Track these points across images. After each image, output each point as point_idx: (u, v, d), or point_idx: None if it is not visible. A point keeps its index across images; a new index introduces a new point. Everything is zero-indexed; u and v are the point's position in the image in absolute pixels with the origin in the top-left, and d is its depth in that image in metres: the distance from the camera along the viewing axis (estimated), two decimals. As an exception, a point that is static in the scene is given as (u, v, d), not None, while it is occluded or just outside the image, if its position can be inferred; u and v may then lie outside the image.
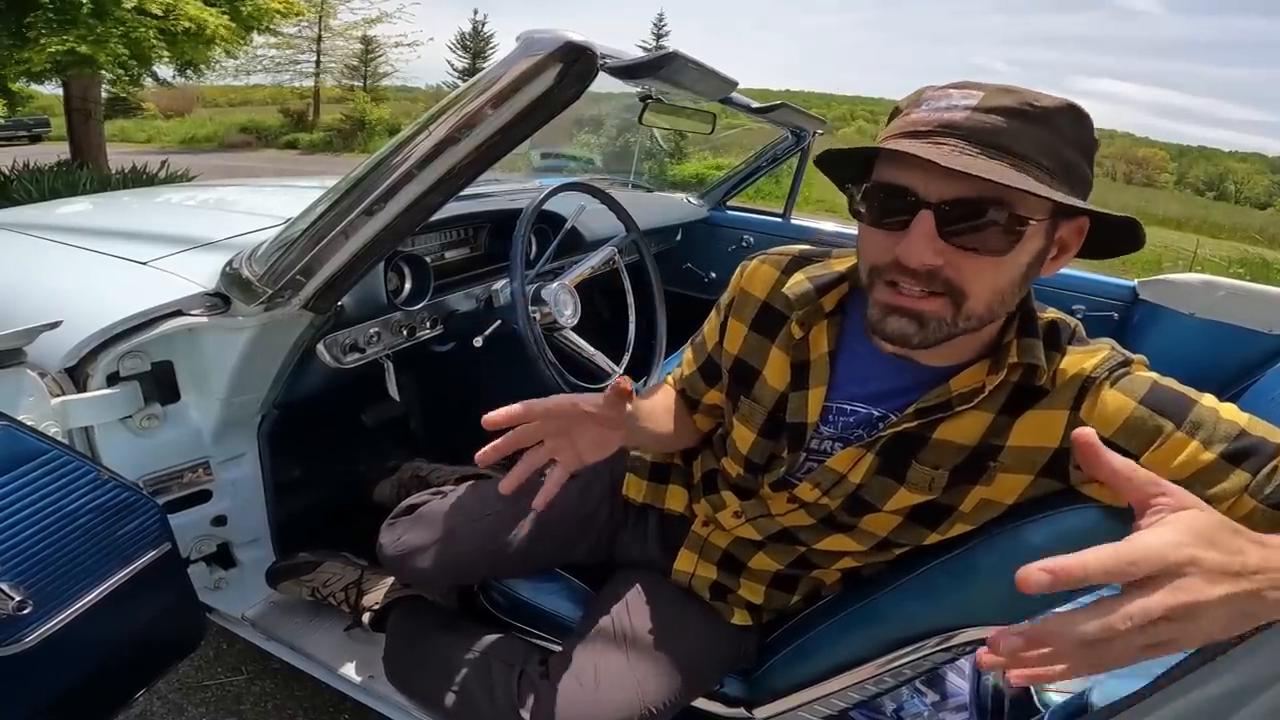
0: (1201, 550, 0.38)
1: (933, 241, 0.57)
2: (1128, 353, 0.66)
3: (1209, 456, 0.58)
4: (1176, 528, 0.39)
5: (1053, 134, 0.55)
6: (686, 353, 0.94)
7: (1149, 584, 0.37)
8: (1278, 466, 0.57)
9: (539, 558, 1.01)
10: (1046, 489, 0.68)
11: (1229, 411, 0.60)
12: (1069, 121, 0.56)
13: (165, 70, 6.90)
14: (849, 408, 0.75)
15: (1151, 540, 0.38)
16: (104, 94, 7.55)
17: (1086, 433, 0.42)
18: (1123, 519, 0.62)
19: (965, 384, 0.67)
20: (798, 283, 0.75)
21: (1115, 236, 0.61)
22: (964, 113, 0.55)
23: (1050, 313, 0.69)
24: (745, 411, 0.81)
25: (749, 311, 0.81)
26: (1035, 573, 0.36)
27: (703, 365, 0.90)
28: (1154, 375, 0.64)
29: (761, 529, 0.86)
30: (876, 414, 0.73)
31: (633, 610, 0.90)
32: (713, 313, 0.88)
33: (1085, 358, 0.65)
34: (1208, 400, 0.61)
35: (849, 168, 0.64)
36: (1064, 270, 2.04)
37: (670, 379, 0.97)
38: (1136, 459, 0.60)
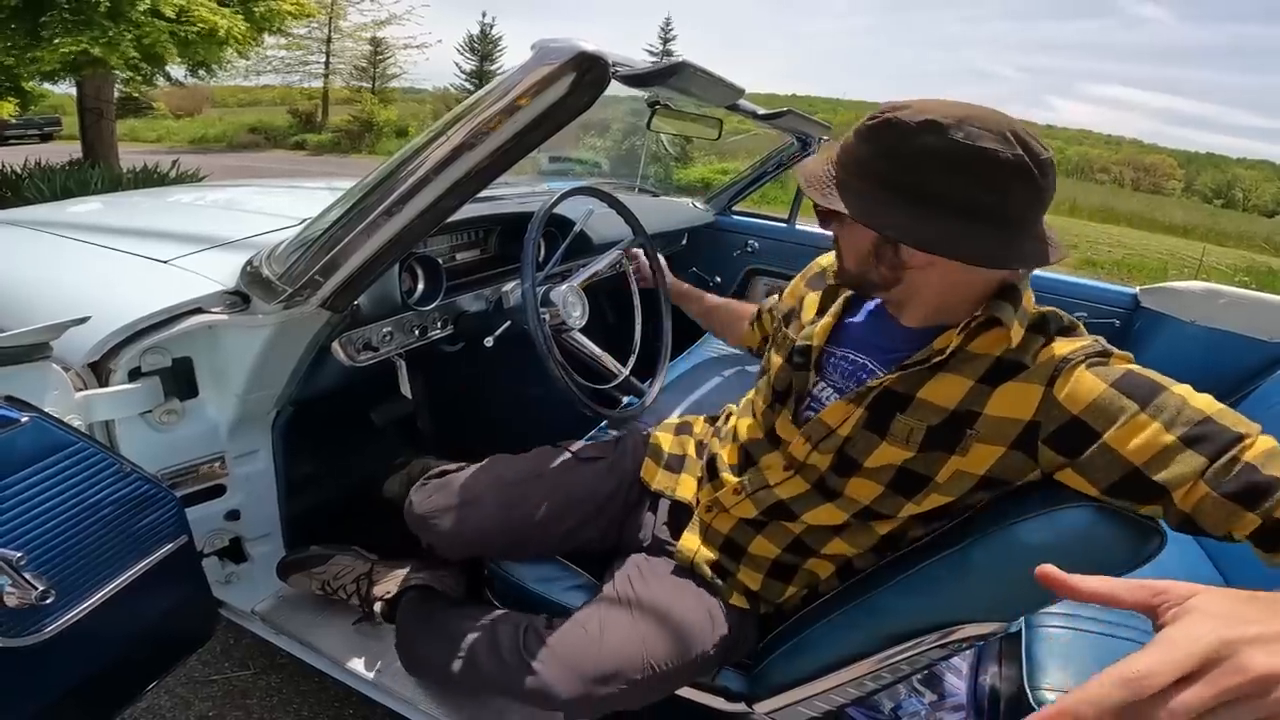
0: (1237, 628, 0.35)
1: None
2: (1115, 350, 0.69)
3: (1168, 439, 0.59)
4: (1204, 613, 0.36)
5: (871, 152, 0.71)
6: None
7: (1196, 675, 0.33)
8: (1237, 457, 0.57)
9: (554, 534, 1.06)
10: (1017, 463, 0.71)
11: (1201, 400, 0.61)
12: (894, 137, 0.68)
13: (177, 70, 6.94)
14: (849, 355, 0.87)
15: (1188, 621, 0.35)
16: (116, 93, 7.60)
17: (1047, 568, 0.39)
18: (1118, 518, 0.64)
19: (944, 344, 0.74)
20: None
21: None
22: (852, 133, 0.73)
23: (1049, 308, 0.74)
24: (779, 341, 0.98)
25: (811, 274, 1.03)
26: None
27: (774, 307, 1.18)
28: (1133, 365, 0.67)
29: (759, 503, 0.91)
30: (865, 362, 0.85)
31: (635, 580, 0.96)
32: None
33: (1068, 344, 0.69)
34: (1180, 388, 0.63)
35: None
36: (1065, 277, 2.05)
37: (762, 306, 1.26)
38: (1099, 436, 0.63)
